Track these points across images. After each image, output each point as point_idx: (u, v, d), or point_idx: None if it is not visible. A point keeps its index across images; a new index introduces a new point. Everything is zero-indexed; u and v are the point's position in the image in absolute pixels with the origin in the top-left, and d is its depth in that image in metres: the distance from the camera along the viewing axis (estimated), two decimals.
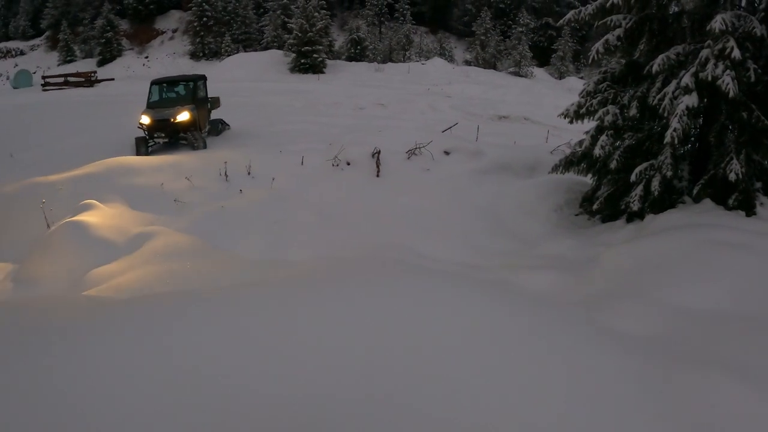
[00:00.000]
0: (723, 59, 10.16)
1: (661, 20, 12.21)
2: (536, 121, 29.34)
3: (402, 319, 4.81)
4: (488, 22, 68.99)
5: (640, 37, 12.45)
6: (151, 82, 22.67)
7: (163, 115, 20.80)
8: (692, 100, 10.30)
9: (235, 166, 15.77)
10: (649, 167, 11.30)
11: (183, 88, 22.60)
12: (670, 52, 11.37)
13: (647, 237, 9.79)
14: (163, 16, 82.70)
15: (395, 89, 40.33)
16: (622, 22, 12.33)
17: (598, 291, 8.32)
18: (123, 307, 5.49)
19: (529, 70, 60.00)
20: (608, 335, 5.73)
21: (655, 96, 11.23)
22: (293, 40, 53.28)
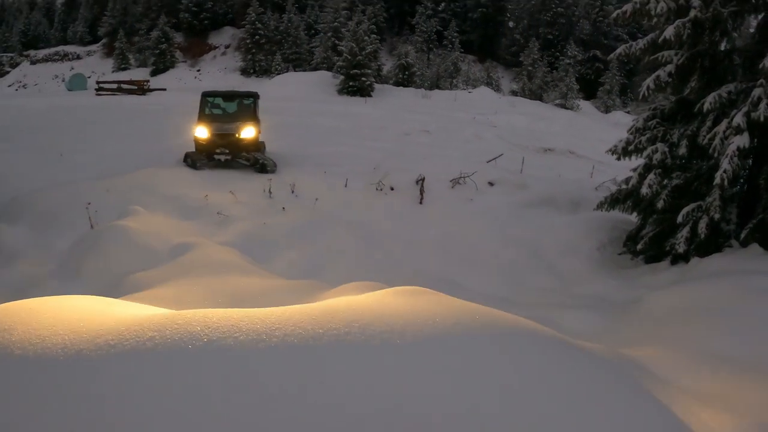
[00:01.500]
0: None
1: (712, 57, 12.01)
2: (581, 155, 29.02)
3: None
4: (536, 53, 68.82)
5: (691, 74, 12.25)
6: (203, 93, 20.89)
7: (225, 129, 19.18)
8: (743, 140, 10.04)
9: (280, 184, 16.02)
10: (697, 208, 11.01)
11: (242, 103, 20.93)
12: (721, 90, 11.15)
13: (693, 282, 9.43)
14: (217, 32, 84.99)
15: (441, 116, 40.22)
16: (674, 58, 12.14)
17: (644, 338, 7.98)
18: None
19: (575, 102, 59.57)
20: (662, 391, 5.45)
21: (705, 135, 10.97)
22: (342, 63, 53.68)
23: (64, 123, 27.72)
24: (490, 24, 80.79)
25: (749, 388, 5.76)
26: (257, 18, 71.22)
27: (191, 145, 19.29)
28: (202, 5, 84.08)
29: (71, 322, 4.12)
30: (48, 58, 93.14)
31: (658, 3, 11.85)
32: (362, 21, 57.42)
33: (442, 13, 79.91)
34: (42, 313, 4.27)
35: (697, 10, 11.30)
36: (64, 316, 4.17)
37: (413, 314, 5.38)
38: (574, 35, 75.20)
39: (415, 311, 5.51)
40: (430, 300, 6.17)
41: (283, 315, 4.77)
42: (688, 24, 11.48)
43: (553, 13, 76.66)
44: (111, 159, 19.20)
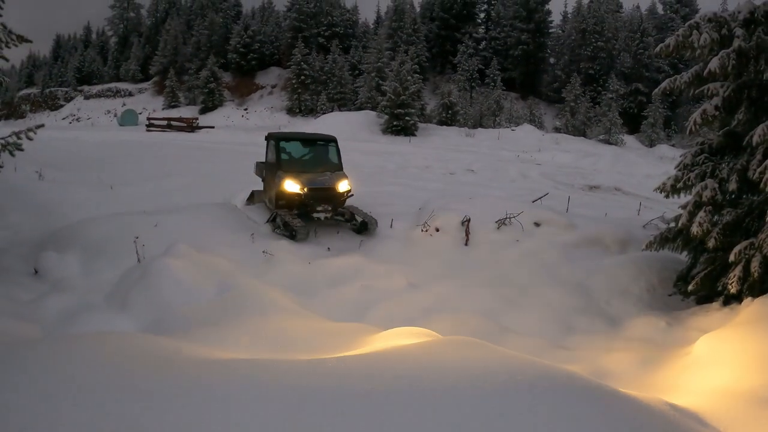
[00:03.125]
0: None
1: (759, 87, 11.65)
2: (627, 192, 28.69)
3: None
4: (578, 89, 68.74)
5: (738, 106, 11.90)
6: (273, 136, 17.88)
7: (321, 183, 16.35)
8: None
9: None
10: (749, 246, 10.56)
11: (322, 148, 18.36)
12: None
13: (746, 325, 9.01)
14: (264, 72, 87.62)
15: (485, 155, 40.26)
16: (720, 90, 11.81)
17: (694, 383, 7.59)
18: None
19: (619, 137, 59.25)
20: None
21: (755, 169, 10.53)
22: (386, 102, 54.37)
23: (115, 157, 28.52)
24: (531, 60, 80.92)
25: None
26: (303, 59, 73.09)
27: (239, 182, 19.95)
28: (249, 46, 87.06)
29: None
30: (101, 93, 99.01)
31: (701, 35, 11.53)
32: (405, 61, 57.95)
33: (484, 51, 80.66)
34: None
35: (740, 40, 10.96)
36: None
37: (462, 368, 5.21)
38: (615, 69, 74.88)
39: (465, 365, 5.33)
40: (479, 351, 5.95)
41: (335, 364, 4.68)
42: (732, 54, 11.11)
43: (594, 48, 76.40)
44: (160, 194, 19.71)
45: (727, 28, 11.46)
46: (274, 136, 17.99)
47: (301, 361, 5.36)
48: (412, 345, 6.44)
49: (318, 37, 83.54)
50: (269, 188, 17.51)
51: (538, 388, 4.84)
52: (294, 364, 5.13)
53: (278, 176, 16.35)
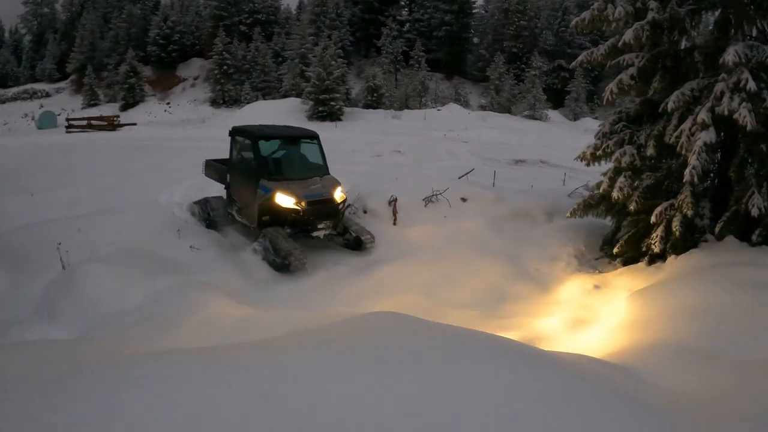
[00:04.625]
0: (738, 92, 10.00)
1: (673, 57, 12.10)
2: (553, 164, 29.21)
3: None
4: (502, 67, 69.49)
5: (654, 75, 12.30)
6: (246, 133, 14.51)
7: (318, 193, 13.76)
8: (710, 135, 10.09)
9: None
10: (669, 207, 11.05)
11: (309, 148, 15.29)
12: (684, 88, 11.22)
13: (671, 282, 9.44)
14: (185, 64, 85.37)
15: (412, 136, 40.36)
16: (635, 60, 12.19)
17: (628, 344, 7.90)
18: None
19: (543, 112, 60.15)
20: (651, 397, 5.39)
21: (672, 134, 11.00)
22: (311, 88, 53.98)
23: (34, 162, 27.50)
24: (456, 41, 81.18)
25: (734, 386, 5.70)
26: (224, 48, 71.75)
27: (163, 181, 18.04)
28: (169, 38, 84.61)
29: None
30: (17, 96, 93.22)
31: (615, 8, 11.93)
32: (328, 46, 57.65)
33: (408, 33, 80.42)
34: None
35: (654, 12, 11.36)
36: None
37: (384, 337, 5.45)
38: (539, 47, 76.12)
39: (386, 335, 5.57)
40: (402, 322, 6.19)
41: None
42: (646, 26, 11.51)
43: (517, 27, 77.40)
44: (83, 197, 18.60)
45: (641, 0, 11.84)
46: (247, 132, 14.53)
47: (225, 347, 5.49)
48: (340, 321, 6.65)
49: (240, 25, 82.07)
50: (243, 199, 14.40)
51: (455, 349, 5.10)
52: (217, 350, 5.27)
53: (262, 187, 13.47)
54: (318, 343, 5.48)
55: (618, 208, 12.67)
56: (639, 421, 4.39)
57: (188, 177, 20.41)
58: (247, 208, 14.21)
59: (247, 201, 14.20)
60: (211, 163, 16.57)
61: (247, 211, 14.28)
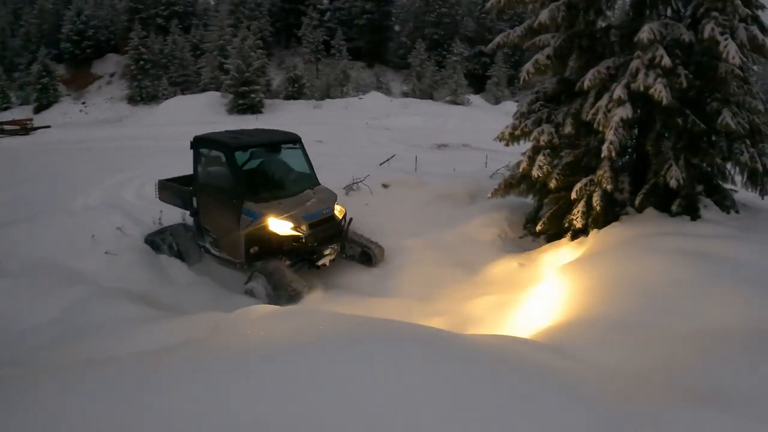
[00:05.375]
0: (654, 68, 10.18)
1: (589, 36, 12.28)
2: (475, 147, 29.42)
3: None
4: (423, 54, 69.67)
5: (570, 55, 12.48)
6: (217, 144, 11.94)
7: (319, 212, 11.82)
8: (626, 111, 10.26)
9: (169, 212, 14.52)
10: (589, 182, 11.22)
11: (293, 155, 13.09)
12: (600, 66, 11.38)
13: (595, 256, 9.52)
14: (101, 61, 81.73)
15: (334, 125, 40.24)
16: (551, 41, 12.33)
17: (553, 320, 7.89)
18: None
19: (465, 97, 60.62)
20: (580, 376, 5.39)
21: (588, 111, 11.16)
22: (230, 81, 52.94)
23: None
24: (377, 29, 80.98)
25: (663, 357, 5.73)
26: (141, 42, 69.01)
27: (77, 186, 16.69)
28: (83, 33, 79.86)
29: None
30: None
31: None
32: (247, 37, 56.88)
33: (329, 22, 79.77)
34: None
35: None
36: None
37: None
38: (460, 33, 76.40)
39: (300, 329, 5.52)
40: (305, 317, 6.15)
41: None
42: (562, 6, 11.69)
43: (438, 14, 77.62)
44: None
45: None
46: (216, 143, 12.00)
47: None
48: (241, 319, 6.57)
49: (156, 17, 78.92)
50: (219, 229, 12.07)
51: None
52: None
53: (248, 212, 11.33)
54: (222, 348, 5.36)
55: (539, 187, 12.82)
56: (559, 398, 4.37)
57: (104, 180, 19.65)
58: (228, 239, 11.81)
59: (226, 230, 11.81)
60: (167, 185, 13.87)
61: (227, 242, 11.88)
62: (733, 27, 10.34)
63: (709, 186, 12.03)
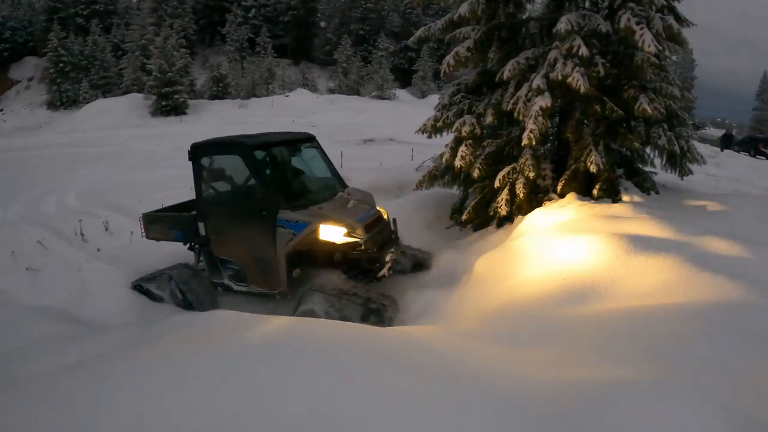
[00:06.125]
0: (571, 58, 10.42)
1: (509, 28, 12.48)
2: (401, 141, 29.52)
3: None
4: (349, 50, 69.58)
5: (490, 46, 12.65)
6: (231, 146, 10.24)
7: (367, 214, 10.18)
8: (545, 100, 10.44)
9: (91, 223, 14.51)
10: (512, 171, 11.42)
11: (312, 154, 11.36)
12: (519, 57, 11.60)
13: (514, 241, 9.63)
14: (18, 64, 77.94)
15: (260, 124, 39.77)
16: (471, 33, 12.45)
17: (479, 309, 7.90)
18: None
19: (391, 92, 60.76)
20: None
21: (509, 101, 11.35)
22: (153, 82, 51.53)
23: None
24: (302, 25, 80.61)
25: (590, 343, 5.73)
26: (60, 44, 65.73)
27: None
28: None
29: None
30: None
31: None
32: (170, 35, 55.85)
33: (253, 19, 78.85)
34: None
35: None
36: None
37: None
38: (385, 28, 76.51)
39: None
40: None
41: None
42: (482, 0, 11.82)
43: (363, 9, 77.73)
44: None
45: None
46: (226, 146, 10.43)
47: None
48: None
49: (76, 17, 76.14)
50: (243, 254, 10.07)
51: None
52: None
53: (285, 223, 9.35)
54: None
55: (463, 177, 13.00)
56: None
57: (22, 192, 18.82)
58: (258, 266, 9.90)
59: (254, 255, 9.89)
60: (157, 217, 11.65)
61: (257, 270, 9.95)
62: (649, 17, 10.57)
63: (629, 169, 12.46)
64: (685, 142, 12.46)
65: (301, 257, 9.71)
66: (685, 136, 12.57)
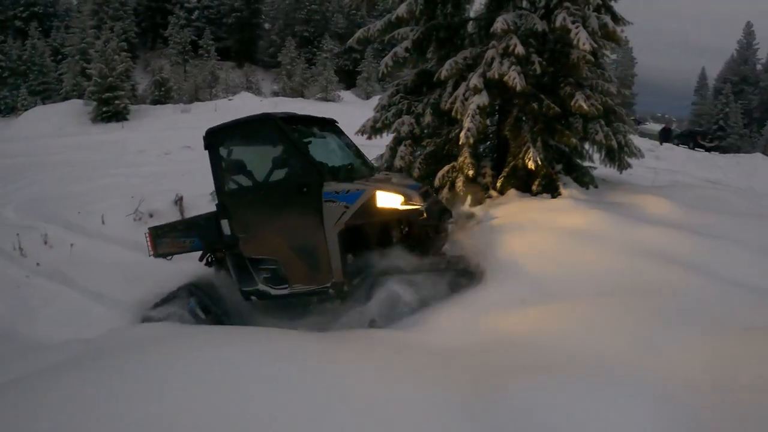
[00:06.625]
0: (508, 56, 10.55)
1: (447, 28, 12.56)
2: None
3: None
4: (293, 52, 69.37)
5: (429, 47, 12.73)
6: (252, 123, 8.91)
7: (412, 183, 9.23)
8: (482, 99, 10.56)
9: (30, 236, 13.98)
10: (451, 169, 11.50)
11: (338, 136, 10.36)
12: (457, 56, 11.69)
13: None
14: None
15: (203, 129, 39.16)
16: (409, 34, 12.54)
17: None
18: None
19: (336, 94, 60.63)
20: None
21: (447, 101, 11.44)
22: (93, 87, 50.07)
23: None
24: (246, 27, 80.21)
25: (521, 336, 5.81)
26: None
27: None
28: None
29: None
30: None
31: None
32: (111, 39, 54.70)
33: (196, 21, 77.88)
34: None
35: None
36: None
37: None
38: (330, 30, 76.50)
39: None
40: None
41: None
42: (420, 0, 11.90)
43: (308, 11, 77.79)
44: None
45: None
46: (249, 124, 9.02)
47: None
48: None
49: (15, 19, 74.50)
50: (281, 247, 8.45)
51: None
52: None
53: (334, 195, 7.85)
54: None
55: None
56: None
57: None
58: (303, 257, 8.33)
59: (297, 244, 8.35)
60: (167, 228, 10.06)
61: (301, 263, 8.36)
62: (585, 16, 10.76)
63: (568, 165, 12.72)
64: (623, 137, 12.71)
65: (356, 237, 8.19)
66: (622, 131, 12.81)
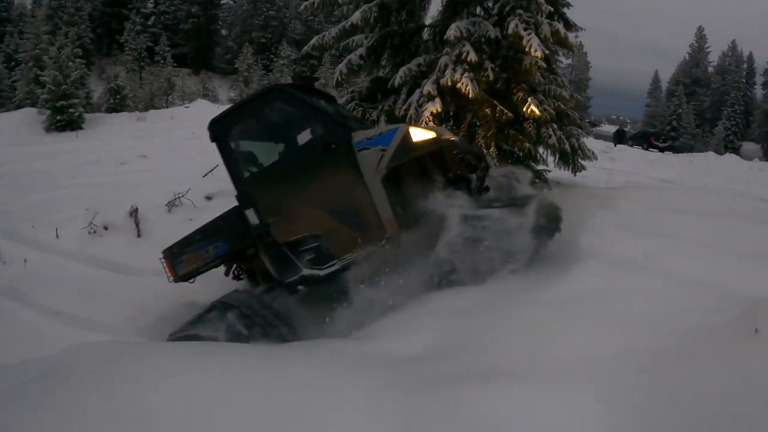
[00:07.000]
0: (461, 63, 10.66)
1: (402, 36, 12.63)
2: None
3: None
4: (250, 58, 69.18)
5: (383, 54, 12.76)
6: (263, 98, 8.51)
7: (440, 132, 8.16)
8: (436, 105, 10.66)
9: None
10: None
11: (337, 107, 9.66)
12: (411, 63, 11.77)
13: None
14: None
15: (159, 137, 38.74)
16: (364, 41, 12.60)
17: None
18: None
19: None
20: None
21: (401, 107, 11.50)
22: (47, 95, 49.03)
23: None
24: (203, 34, 79.67)
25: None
26: None
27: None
28: None
29: None
30: None
31: None
32: (65, 44, 53.86)
33: (153, 27, 76.87)
34: None
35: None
36: None
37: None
38: (287, 36, 76.42)
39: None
40: None
41: None
42: (374, 8, 12.00)
43: (265, 17, 77.53)
44: None
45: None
46: (260, 97, 8.74)
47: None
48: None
49: None
50: (323, 214, 7.71)
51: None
52: None
53: (368, 142, 7.34)
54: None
55: None
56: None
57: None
58: (347, 220, 7.64)
59: (338, 207, 7.67)
60: (179, 248, 8.97)
61: (345, 227, 7.66)
62: (538, 23, 10.93)
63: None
64: (576, 140, 12.93)
65: (399, 179, 7.65)
66: (575, 134, 13.04)
